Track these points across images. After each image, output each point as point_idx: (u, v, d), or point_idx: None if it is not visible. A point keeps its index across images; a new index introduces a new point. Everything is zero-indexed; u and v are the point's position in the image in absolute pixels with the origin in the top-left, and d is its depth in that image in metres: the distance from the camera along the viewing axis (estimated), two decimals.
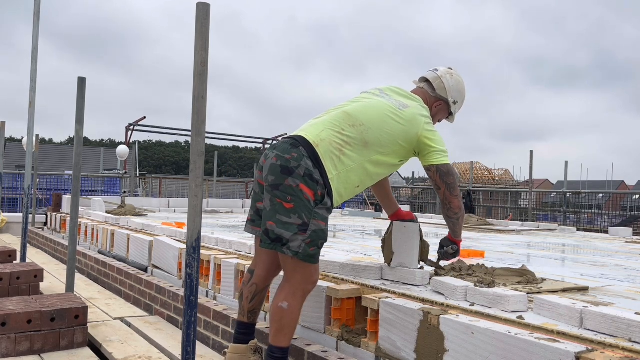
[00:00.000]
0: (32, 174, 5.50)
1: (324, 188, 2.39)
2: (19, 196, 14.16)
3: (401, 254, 2.86)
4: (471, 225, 8.24)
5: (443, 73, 2.88)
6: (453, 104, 2.89)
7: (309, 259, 2.36)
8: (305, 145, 2.42)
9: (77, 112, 3.63)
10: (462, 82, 2.91)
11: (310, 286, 2.45)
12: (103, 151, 26.90)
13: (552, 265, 4.21)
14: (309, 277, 2.41)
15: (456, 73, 2.92)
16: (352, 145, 2.50)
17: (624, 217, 14.99)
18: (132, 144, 19.37)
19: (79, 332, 3.08)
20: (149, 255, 4.83)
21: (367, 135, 2.52)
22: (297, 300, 2.39)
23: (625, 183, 36.89)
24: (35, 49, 5.08)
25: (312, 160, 2.38)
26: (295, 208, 2.32)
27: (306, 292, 2.44)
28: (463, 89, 2.92)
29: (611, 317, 1.95)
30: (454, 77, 2.88)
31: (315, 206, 2.36)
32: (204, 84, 1.93)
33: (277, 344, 2.40)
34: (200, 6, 1.91)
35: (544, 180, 41.60)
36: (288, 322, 2.38)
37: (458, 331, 2.11)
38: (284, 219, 2.33)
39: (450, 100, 2.87)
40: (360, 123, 2.53)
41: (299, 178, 2.34)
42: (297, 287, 2.39)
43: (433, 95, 2.86)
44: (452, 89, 2.86)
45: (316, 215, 2.35)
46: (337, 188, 2.46)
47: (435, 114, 2.87)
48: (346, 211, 11.83)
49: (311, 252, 2.35)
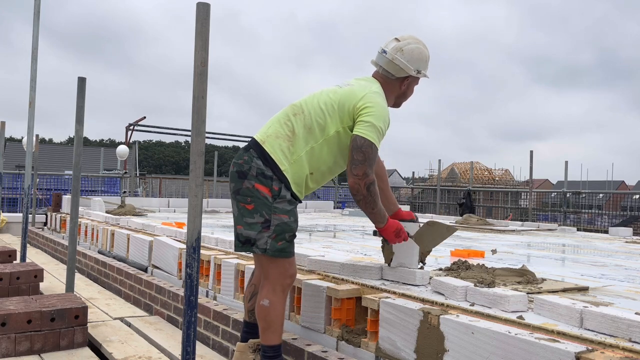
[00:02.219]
0: (32, 174, 5.50)
1: (279, 182, 2.44)
2: (19, 196, 14.15)
3: (401, 254, 2.86)
4: (471, 225, 8.24)
5: (393, 54, 2.67)
6: (418, 73, 2.71)
7: (279, 254, 2.42)
8: (255, 146, 2.51)
9: (77, 112, 3.63)
10: (416, 47, 2.69)
11: (288, 280, 2.49)
12: (103, 151, 26.88)
13: (552, 265, 4.20)
14: (285, 271, 2.47)
15: (405, 43, 2.68)
16: (297, 133, 2.52)
17: (624, 217, 14.99)
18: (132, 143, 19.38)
19: (79, 332, 3.08)
20: (149, 255, 4.83)
21: (308, 120, 2.54)
22: (277, 296, 2.45)
23: (625, 183, 36.92)
24: (35, 48, 5.08)
25: (262, 159, 2.45)
26: (255, 208, 2.40)
27: (285, 287, 2.49)
28: (420, 52, 2.70)
29: (611, 317, 1.95)
30: (405, 50, 2.67)
31: (274, 201, 2.42)
32: (204, 83, 1.93)
33: (267, 343, 2.45)
34: (200, 6, 1.91)
35: (544, 180, 41.62)
36: (273, 319, 2.43)
37: (458, 331, 2.11)
38: (248, 220, 2.41)
39: (414, 73, 2.70)
40: (302, 111, 2.57)
41: (252, 179, 2.42)
42: (275, 284, 2.45)
43: (394, 78, 2.71)
44: (409, 63, 2.67)
45: (276, 210, 2.41)
46: (294, 177, 2.48)
47: (407, 89, 2.76)
48: (346, 211, 11.83)
49: (279, 247, 2.41)
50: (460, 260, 3.28)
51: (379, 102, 2.55)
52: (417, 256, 2.84)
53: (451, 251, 4.59)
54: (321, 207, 12.40)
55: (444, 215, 13.73)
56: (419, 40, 2.73)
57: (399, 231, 2.66)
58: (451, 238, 6.30)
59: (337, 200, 16.98)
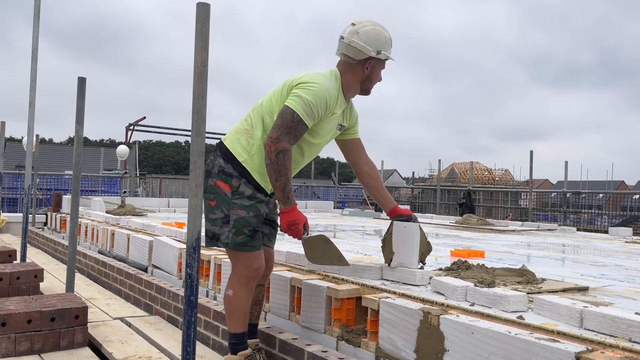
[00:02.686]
0: (32, 174, 5.50)
1: (239, 179, 2.55)
2: (19, 196, 14.15)
3: (401, 254, 2.86)
4: (471, 225, 8.25)
5: (349, 37, 2.63)
6: (379, 54, 2.64)
7: (240, 247, 2.54)
8: (219, 145, 2.66)
9: (77, 112, 3.63)
10: (372, 29, 2.63)
11: (253, 273, 2.58)
12: (103, 151, 26.88)
13: (552, 265, 4.21)
14: (250, 265, 2.56)
15: (361, 25, 2.64)
16: (255, 125, 2.61)
17: (624, 217, 14.99)
18: (132, 144, 19.38)
19: (79, 332, 3.08)
20: (149, 255, 4.83)
21: (262, 110, 2.63)
22: (241, 287, 2.57)
23: (625, 183, 36.92)
24: (36, 49, 5.08)
25: (223, 157, 2.58)
26: (217, 204, 2.54)
27: (250, 279, 2.58)
28: (377, 32, 2.63)
29: (611, 317, 1.95)
30: (360, 32, 2.62)
31: (232, 197, 2.53)
32: (204, 84, 1.93)
33: (231, 331, 2.61)
34: (200, 6, 1.91)
35: (544, 180, 41.62)
36: (235, 309, 2.57)
37: (458, 331, 2.11)
38: (212, 216, 2.56)
39: (374, 54, 2.63)
40: (259, 105, 2.68)
41: (214, 176, 2.56)
42: (240, 276, 2.57)
43: (356, 62, 2.66)
44: (367, 44, 2.61)
45: (234, 206, 2.52)
46: (256, 167, 2.56)
47: (371, 73, 2.69)
48: (346, 211, 11.83)
49: (239, 241, 2.52)
50: (460, 260, 3.29)
51: (318, 80, 2.54)
52: (417, 256, 2.84)
53: (451, 251, 4.59)
54: (321, 207, 12.39)
55: (444, 215, 13.73)
56: (375, 22, 2.68)
57: (295, 225, 2.49)
58: (451, 238, 6.32)
59: (337, 200, 16.98)
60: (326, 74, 2.63)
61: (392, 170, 48.04)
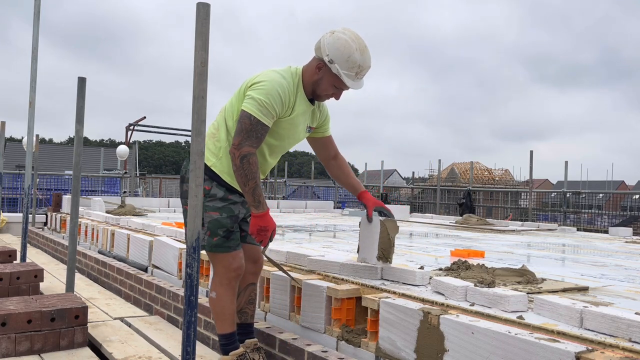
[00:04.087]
0: (32, 174, 5.50)
1: (210, 182, 2.56)
2: (19, 196, 14.16)
3: (364, 249, 2.85)
4: (471, 225, 8.25)
5: (325, 35, 2.56)
6: (329, 63, 2.49)
7: (216, 249, 2.58)
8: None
9: (77, 112, 3.63)
10: (345, 40, 2.49)
11: (232, 273, 2.60)
12: (103, 151, 26.89)
13: (552, 265, 4.21)
14: (228, 265, 2.59)
15: (341, 31, 2.52)
16: (219, 128, 2.64)
17: (624, 217, 15.00)
18: (132, 143, 19.39)
19: (79, 332, 3.08)
20: (149, 255, 4.83)
21: (225, 113, 2.65)
22: (224, 288, 2.60)
23: (625, 183, 36.92)
24: (36, 49, 5.08)
25: None
26: None
27: (231, 279, 2.61)
28: (343, 46, 2.48)
29: (611, 317, 1.95)
30: (334, 34, 2.51)
31: (205, 200, 2.53)
32: (204, 84, 1.93)
33: (219, 331, 2.66)
34: (200, 6, 1.91)
35: (544, 180, 41.63)
36: (220, 310, 2.61)
37: (458, 331, 2.11)
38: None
39: (326, 59, 2.49)
40: (223, 108, 2.68)
41: (187, 181, 2.56)
42: (221, 277, 2.61)
43: (314, 57, 2.58)
44: (327, 46, 2.49)
45: (207, 208, 2.54)
46: (224, 170, 2.58)
47: (319, 79, 2.56)
48: (346, 211, 11.83)
49: (215, 242, 2.56)
50: (460, 260, 3.29)
51: (269, 77, 2.48)
52: (376, 251, 2.80)
53: (451, 251, 4.59)
54: (321, 207, 12.39)
55: (444, 215, 13.73)
56: (357, 39, 2.51)
57: (264, 231, 2.48)
58: (451, 238, 6.33)
59: (337, 200, 16.99)
60: (281, 70, 2.57)
61: (392, 170, 48.04)
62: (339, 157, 2.97)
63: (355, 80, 2.56)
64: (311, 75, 2.58)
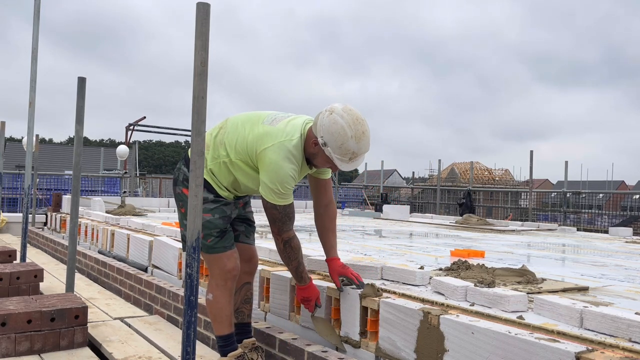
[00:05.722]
0: (32, 174, 5.50)
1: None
2: (19, 196, 14.15)
3: (345, 322, 2.70)
4: (471, 225, 8.25)
5: (324, 111, 2.51)
6: (323, 145, 2.47)
7: (211, 250, 2.62)
8: (184, 156, 2.73)
9: (77, 112, 3.63)
10: (340, 125, 2.43)
11: (228, 274, 2.64)
12: (103, 151, 26.90)
13: (552, 265, 4.21)
14: (223, 266, 2.63)
15: (341, 112, 2.46)
16: (214, 145, 2.66)
17: (624, 217, 14.99)
18: (132, 143, 19.38)
19: (79, 332, 3.08)
20: (149, 255, 4.83)
21: (225, 137, 2.65)
22: (220, 290, 2.63)
23: (625, 183, 36.91)
24: (36, 49, 5.08)
25: (187, 166, 2.64)
26: (186, 210, 2.51)
27: (227, 280, 2.63)
28: (337, 132, 2.42)
29: (611, 317, 1.95)
30: (331, 115, 2.45)
31: None
32: (204, 83, 1.93)
33: (217, 333, 2.68)
34: (200, 6, 1.91)
35: (544, 180, 41.61)
36: (217, 312, 2.64)
37: (458, 331, 2.11)
38: (184, 222, 2.62)
39: (320, 141, 2.47)
40: (226, 126, 2.69)
41: (180, 184, 2.68)
42: (217, 278, 2.64)
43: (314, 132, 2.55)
44: (322, 128, 2.45)
45: None
46: (214, 179, 2.64)
47: (315, 153, 2.55)
48: (346, 211, 11.83)
49: (208, 244, 2.60)
50: (460, 260, 3.29)
51: (272, 160, 2.47)
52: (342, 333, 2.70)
53: (451, 251, 4.59)
54: None
55: (444, 215, 13.72)
56: (354, 124, 2.44)
57: (307, 301, 2.73)
58: (451, 238, 6.32)
59: (337, 200, 16.98)
60: (290, 146, 2.50)
61: (392, 170, 48.02)
62: (331, 208, 2.86)
63: (350, 163, 2.53)
64: (309, 146, 2.56)
